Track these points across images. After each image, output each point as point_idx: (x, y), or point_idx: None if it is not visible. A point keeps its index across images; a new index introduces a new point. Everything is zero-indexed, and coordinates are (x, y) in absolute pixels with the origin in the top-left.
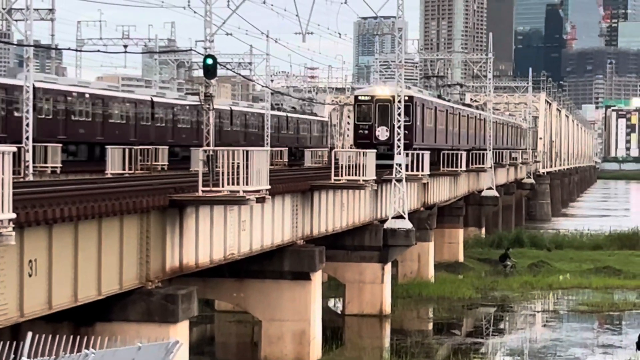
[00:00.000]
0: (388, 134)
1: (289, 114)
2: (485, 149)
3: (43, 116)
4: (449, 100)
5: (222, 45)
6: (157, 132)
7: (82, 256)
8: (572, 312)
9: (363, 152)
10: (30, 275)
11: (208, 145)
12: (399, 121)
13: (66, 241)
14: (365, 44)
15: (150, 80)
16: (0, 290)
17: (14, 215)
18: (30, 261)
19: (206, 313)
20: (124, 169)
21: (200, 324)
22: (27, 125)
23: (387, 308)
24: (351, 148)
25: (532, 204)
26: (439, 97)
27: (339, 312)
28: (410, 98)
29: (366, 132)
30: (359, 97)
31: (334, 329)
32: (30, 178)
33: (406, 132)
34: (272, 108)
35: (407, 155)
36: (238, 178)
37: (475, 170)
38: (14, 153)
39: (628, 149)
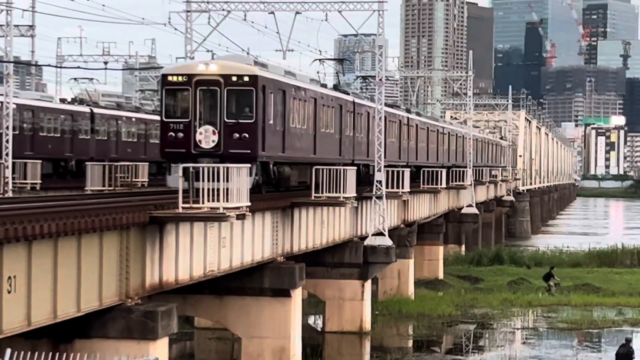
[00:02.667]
0: (217, 137)
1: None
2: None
3: (99, 137)
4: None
5: None
6: None
7: (62, 273)
8: (552, 330)
9: (342, 169)
10: (9, 292)
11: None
12: (379, 126)
13: (46, 258)
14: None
15: (130, 96)
16: None
17: None
18: (9, 278)
19: (186, 330)
20: (103, 186)
21: (180, 340)
22: (7, 141)
23: (367, 325)
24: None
25: (511, 221)
26: (328, 86)
27: (319, 329)
28: (254, 78)
29: (180, 135)
30: (169, 78)
31: (314, 346)
32: (10, 194)
33: (245, 135)
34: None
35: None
36: (218, 195)
37: (455, 187)
38: None
39: (607, 166)
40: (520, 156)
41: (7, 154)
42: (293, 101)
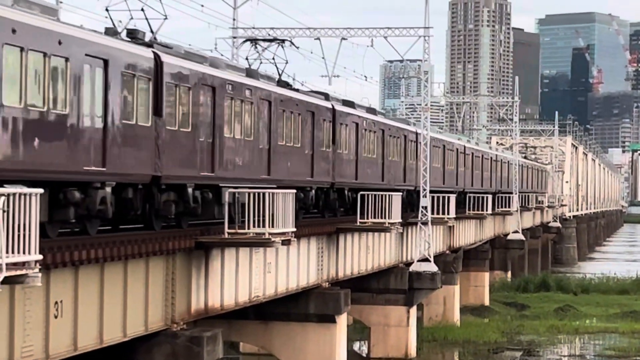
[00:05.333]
0: None
1: None
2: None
3: None
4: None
5: None
6: None
7: (108, 298)
8: (599, 357)
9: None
10: (56, 317)
11: None
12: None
13: (92, 283)
14: (391, 86)
15: None
16: (26, 331)
17: (40, 257)
18: (56, 302)
19: (231, 355)
20: None
21: None
22: None
23: (413, 351)
24: None
25: (558, 247)
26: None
27: (364, 355)
28: None
29: None
30: None
31: None
32: None
33: None
34: None
35: None
36: (264, 220)
37: (501, 213)
38: (41, 194)
39: None
40: (566, 182)
41: None
42: None
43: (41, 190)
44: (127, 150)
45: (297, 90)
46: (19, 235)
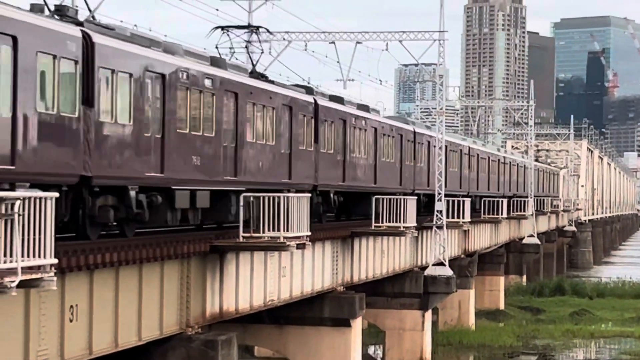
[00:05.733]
0: None
1: None
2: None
3: None
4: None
5: None
6: None
7: (123, 301)
8: None
9: (403, 199)
10: (71, 321)
11: None
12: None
13: (107, 286)
14: (406, 90)
15: None
16: (41, 335)
17: (55, 261)
18: (71, 306)
19: (246, 359)
20: None
21: None
22: None
23: (428, 355)
24: None
25: (573, 251)
26: None
27: None
28: None
29: None
30: None
31: None
32: None
33: None
34: None
35: None
36: (278, 224)
37: (516, 217)
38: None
39: None
40: (582, 186)
41: None
42: None
43: (56, 194)
44: (44, 145)
45: (272, 82)
46: (34, 239)
